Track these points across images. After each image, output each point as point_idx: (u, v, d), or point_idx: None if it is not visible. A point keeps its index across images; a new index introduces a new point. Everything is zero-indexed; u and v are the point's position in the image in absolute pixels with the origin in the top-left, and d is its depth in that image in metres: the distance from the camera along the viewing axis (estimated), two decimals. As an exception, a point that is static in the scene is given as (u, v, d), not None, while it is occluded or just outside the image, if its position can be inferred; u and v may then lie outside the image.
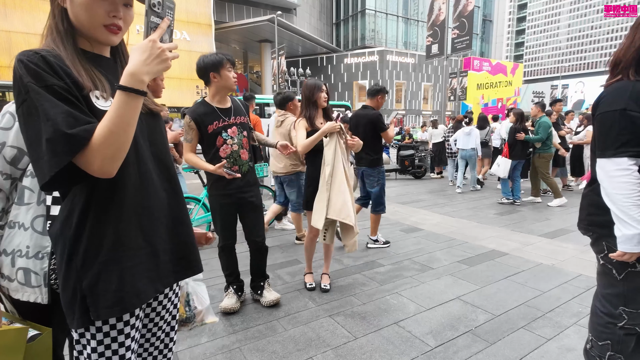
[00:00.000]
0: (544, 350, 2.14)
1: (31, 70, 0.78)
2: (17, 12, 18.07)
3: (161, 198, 1.01)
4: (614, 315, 1.38)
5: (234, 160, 2.42)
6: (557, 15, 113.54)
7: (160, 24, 0.84)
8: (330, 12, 51.73)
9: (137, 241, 0.94)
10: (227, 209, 2.54)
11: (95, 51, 0.96)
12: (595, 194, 1.41)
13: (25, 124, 0.80)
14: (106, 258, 0.90)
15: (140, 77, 0.80)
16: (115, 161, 0.82)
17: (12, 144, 1.11)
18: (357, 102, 45.55)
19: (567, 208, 5.94)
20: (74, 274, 0.89)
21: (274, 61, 25.65)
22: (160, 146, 1.04)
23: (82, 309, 0.88)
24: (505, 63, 24.90)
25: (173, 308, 1.14)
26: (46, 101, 0.77)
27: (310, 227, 2.97)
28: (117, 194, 0.91)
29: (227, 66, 2.32)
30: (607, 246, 1.38)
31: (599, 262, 1.45)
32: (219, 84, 2.35)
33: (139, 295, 0.94)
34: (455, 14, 16.91)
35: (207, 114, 2.37)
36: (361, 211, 4.42)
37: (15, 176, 1.13)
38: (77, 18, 0.90)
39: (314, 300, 2.78)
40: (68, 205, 0.90)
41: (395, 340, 2.24)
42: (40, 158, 0.77)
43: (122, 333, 0.95)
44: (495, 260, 3.59)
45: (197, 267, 1.13)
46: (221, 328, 2.39)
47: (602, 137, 1.31)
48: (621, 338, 1.38)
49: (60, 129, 0.75)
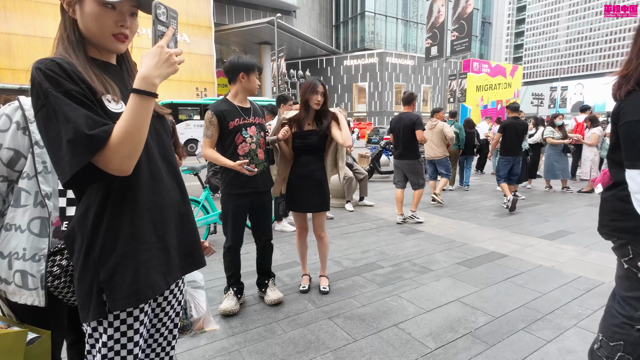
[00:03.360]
0: (543, 353, 2.13)
1: (49, 77, 0.84)
2: (17, 15, 18.13)
3: (170, 196, 1.07)
4: (634, 318, 1.36)
5: (251, 158, 2.49)
6: (556, 17, 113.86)
7: (166, 32, 0.91)
8: (330, 15, 51.93)
9: (150, 236, 1.00)
10: (241, 209, 2.57)
11: (104, 59, 1.02)
12: (617, 199, 1.38)
13: (45, 127, 0.85)
14: (122, 252, 0.95)
15: (152, 80, 0.86)
16: (132, 159, 0.88)
17: (8, 145, 1.11)
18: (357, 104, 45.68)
19: (566, 210, 5.94)
20: (91, 267, 0.94)
21: (273, 63, 25.70)
22: (166, 147, 1.10)
23: (98, 302, 0.93)
24: (504, 65, 24.97)
25: (177, 304, 1.17)
26: (66, 105, 0.82)
27: (295, 223, 3.02)
28: (131, 191, 0.96)
29: (256, 72, 2.48)
30: (633, 251, 1.36)
31: (622, 266, 1.42)
32: (244, 86, 2.48)
33: (152, 287, 0.99)
34: (454, 16, 16.97)
35: (229, 110, 2.46)
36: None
37: (12, 178, 1.13)
38: (87, 28, 0.95)
39: (314, 302, 2.77)
40: (85, 202, 0.95)
41: (395, 343, 2.24)
42: (61, 159, 0.82)
43: (132, 328, 1.00)
44: (495, 262, 3.59)
45: (201, 262, 1.18)
46: (220, 330, 2.38)
47: (631, 147, 1.26)
48: (636, 340, 1.37)
49: (81, 130, 0.80)
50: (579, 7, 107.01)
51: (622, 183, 1.35)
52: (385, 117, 42.73)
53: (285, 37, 30.69)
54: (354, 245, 4.14)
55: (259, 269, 2.83)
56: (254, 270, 2.87)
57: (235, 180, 2.48)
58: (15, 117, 1.13)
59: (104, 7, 0.93)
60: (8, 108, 1.14)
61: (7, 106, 1.15)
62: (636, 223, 1.30)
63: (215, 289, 2.97)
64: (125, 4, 0.95)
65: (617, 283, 1.48)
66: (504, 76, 23.84)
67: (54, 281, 1.11)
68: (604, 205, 1.48)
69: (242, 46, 33.86)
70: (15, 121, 1.12)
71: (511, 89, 24.31)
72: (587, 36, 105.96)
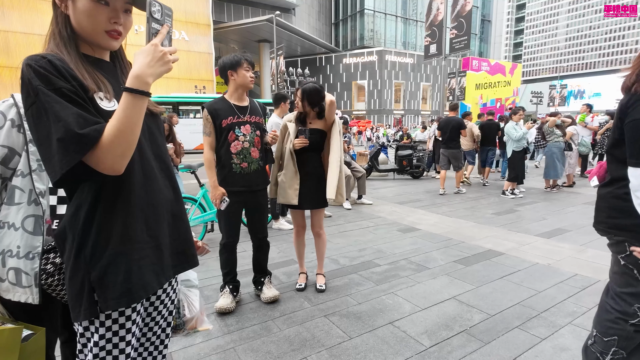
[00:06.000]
0: (538, 350, 2.14)
1: (40, 74, 0.82)
2: (15, 12, 18.05)
3: (163, 195, 1.06)
4: (628, 313, 1.37)
5: (243, 157, 2.50)
6: (556, 15, 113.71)
7: (160, 30, 0.90)
8: (329, 12, 51.78)
9: (142, 236, 0.98)
10: (235, 206, 2.58)
11: (97, 55, 1.00)
12: (615, 197, 1.38)
13: (35, 125, 0.83)
14: (114, 251, 0.93)
15: (145, 79, 0.85)
16: (124, 159, 0.86)
17: (2, 143, 1.11)
18: (356, 103, 45.64)
19: (563, 208, 5.95)
20: (82, 266, 0.92)
21: (272, 61, 25.66)
22: (160, 145, 1.09)
23: (89, 301, 0.92)
24: (503, 63, 24.96)
25: (170, 303, 1.17)
26: (56, 103, 0.81)
27: (293, 221, 3.03)
28: (123, 190, 0.95)
29: (244, 66, 2.45)
30: (629, 247, 1.36)
31: (618, 263, 1.42)
32: (236, 82, 2.48)
33: (145, 287, 0.98)
34: (453, 13, 16.94)
35: (222, 108, 2.48)
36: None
37: (6, 176, 1.13)
38: (79, 24, 0.94)
39: (310, 300, 2.78)
40: (76, 201, 0.94)
41: (390, 340, 2.25)
42: (51, 157, 0.81)
43: (123, 327, 0.99)
44: (492, 260, 3.60)
45: (193, 261, 1.17)
46: (216, 328, 2.39)
47: (636, 145, 1.26)
48: (630, 334, 1.38)
49: (71, 129, 0.79)
50: (579, 5, 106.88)
51: (621, 180, 1.35)
52: (385, 115, 42.72)
53: (284, 35, 30.60)
54: (351, 244, 4.15)
55: (255, 267, 2.83)
56: (250, 269, 2.88)
57: (229, 178, 2.51)
58: (9, 114, 1.13)
59: (97, 3, 0.91)
60: (2, 105, 1.13)
61: (1, 103, 1.14)
62: (634, 221, 1.30)
63: (211, 287, 2.98)
64: (118, 0, 0.94)
65: (612, 279, 1.48)
66: (504, 74, 23.84)
67: (48, 279, 1.12)
68: (601, 202, 1.48)
69: (241, 44, 33.78)
70: (10, 118, 1.12)
71: (510, 87, 24.32)
72: (586, 34, 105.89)
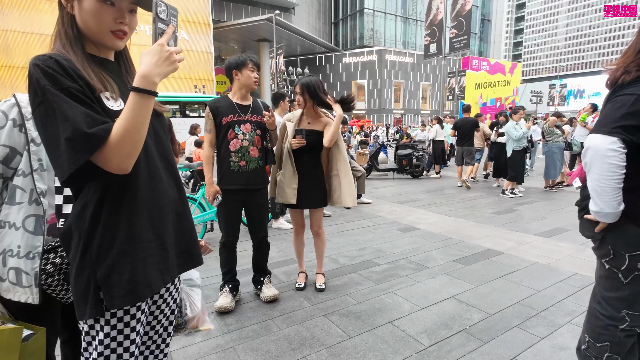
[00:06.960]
0: (537, 349, 2.15)
1: (47, 74, 0.83)
2: (14, 11, 17.98)
3: (168, 194, 1.07)
4: (617, 318, 1.36)
5: (242, 155, 2.51)
6: (556, 14, 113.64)
7: (166, 30, 0.91)
8: (329, 12, 51.70)
9: (148, 235, 0.99)
10: (233, 204, 2.59)
11: (102, 55, 1.01)
12: None
13: (43, 125, 0.84)
14: (120, 250, 0.94)
15: (152, 78, 0.86)
16: (131, 158, 0.87)
17: (4, 143, 1.11)
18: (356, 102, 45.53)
19: (563, 207, 5.96)
20: (88, 265, 0.93)
21: (272, 60, 25.62)
22: (164, 145, 1.10)
23: (95, 300, 0.93)
24: (503, 62, 24.89)
25: (173, 302, 1.17)
26: (64, 103, 0.81)
27: (292, 221, 3.04)
28: (129, 189, 0.96)
29: (249, 66, 2.49)
30: (613, 250, 1.35)
31: (603, 267, 1.42)
32: (240, 82, 2.52)
33: (150, 285, 0.99)
34: (453, 13, 16.93)
35: (224, 106, 2.52)
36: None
37: (7, 175, 1.14)
38: (85, 24, 0.95)
39: (309, 300, 2.78)
40: (82, 200, 0.94)
41: (390, 340, 2.25)
42: (59, 156, 0.82)
43: (128, 326, 1.00)
44: (491, 260, 3.61)
45: (198, 260, 1.18)
46: (215, 327, 2.39)
47: (607, 115, 1.28)
48: (621, 340, 1.36)
49: (80, 128, 0.79)
50: (579, 5, 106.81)
51: None
52: (384, 114, 42.69)
53: (284, 35, 30.55)
54: (351, 243, 4.16)
55: (255, 267, 2.84)
56: (250, 268, 2.88)
57: (228, 176, 2.52)
58: (11, 114, 1.13)
59: (102, 4, 0.92)
60: (4, 105, 1.14)
61: (3, 103, 1.14)
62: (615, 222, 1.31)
63: (211, 286, 2.98)
64: (124, 0, 0.95)
65: (598, 282, 1.47)
66: (503, 74, 23.78)
67: (48, 279, 1.12)
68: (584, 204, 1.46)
69: (241, 43, 33.73)
70: (12, 118, 1.12)
71: (510, 87, 24.26)
72: (586, 34, 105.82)
